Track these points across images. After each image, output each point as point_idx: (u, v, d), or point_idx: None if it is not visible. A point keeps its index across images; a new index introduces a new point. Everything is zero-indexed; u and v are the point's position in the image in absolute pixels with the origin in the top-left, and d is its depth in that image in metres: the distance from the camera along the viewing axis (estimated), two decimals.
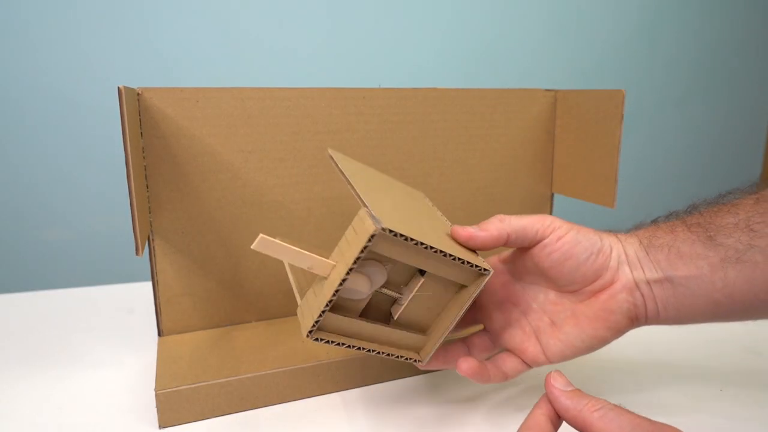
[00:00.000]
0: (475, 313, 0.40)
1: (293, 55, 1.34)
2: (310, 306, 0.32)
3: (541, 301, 0.38)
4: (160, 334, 0.46)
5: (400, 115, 0.49)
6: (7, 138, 1.19)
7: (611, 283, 0.35)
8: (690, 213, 0.36)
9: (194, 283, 0.46)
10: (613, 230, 0.38)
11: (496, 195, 0.55)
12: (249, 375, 0.40)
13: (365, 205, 0.31)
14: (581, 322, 0.36)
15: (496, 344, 0.39)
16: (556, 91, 0.55)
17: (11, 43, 1.15)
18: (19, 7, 1.13)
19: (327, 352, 0.43)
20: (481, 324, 0.40)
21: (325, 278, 0.32)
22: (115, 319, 0.55)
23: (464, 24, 1.46)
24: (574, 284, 0.36)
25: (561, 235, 0.35)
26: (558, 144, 0.56)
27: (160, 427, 0.38)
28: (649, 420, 0.25)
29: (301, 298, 0.34)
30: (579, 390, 0.28)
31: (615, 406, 0.26)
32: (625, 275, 0.35)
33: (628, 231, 0.38)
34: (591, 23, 1.59)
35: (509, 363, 0.37)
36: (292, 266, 0.38)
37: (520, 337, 0.37)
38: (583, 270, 0.35)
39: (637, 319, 0.36)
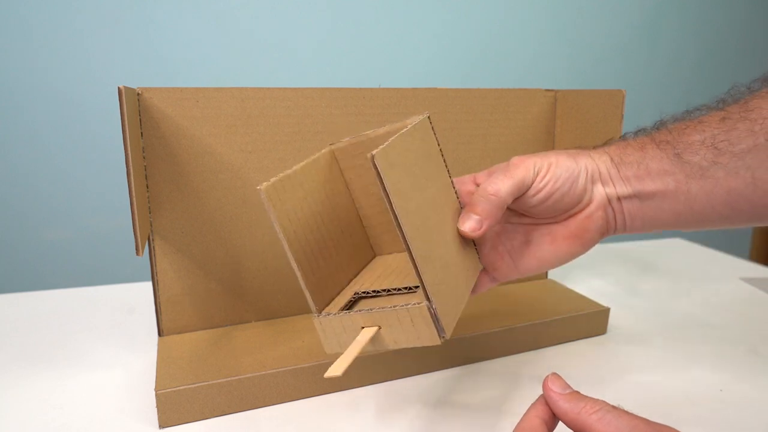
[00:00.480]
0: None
1: (293, 55, 1.34)
2: (340, 343, 0.33)
3: (516, 222, 0.39)
4: (160, 334, 0.46)
5: (400, 115, 0.49)
6: (7, 138, 1.19)
7: (588, 203, 0.37)
8: (658, 129, 0.37)
9: (194, 283, 0.46)
10: (582, 149, 0.39)
11: None
12: (249, 375, 0.40)
13: (422, 282, 0.29)
14: (557, 241, 0.37)
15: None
16: (556, 91, 0.55)
17: (11, 43, 1.15)
18: (20, 7, 1.13)
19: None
20: None
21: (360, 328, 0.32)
22: (115, 319, 0.55)
23: (464, 24, 1.46)
24: (555, 214, 0.37)
25: (543, 176, 0.35)
26: (558, 144, 0.56)
27: (160, 426, 0.38)
28: (647, 420, 0.26)
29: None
30: (577, 392, 0.28)
31: (613, 407, 0.26)
32: (599, 194, 0.37)
33: (596, 147, 0.39)
34: (591, 23, 1.59)
35: (480, 279, 0.38)
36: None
37: (493, 256, 0.38)
38: (566, 200, 0.36)
39: (607, 232, 0.38)
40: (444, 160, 0.37)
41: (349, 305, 0.34)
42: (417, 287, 0.34)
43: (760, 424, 0.38)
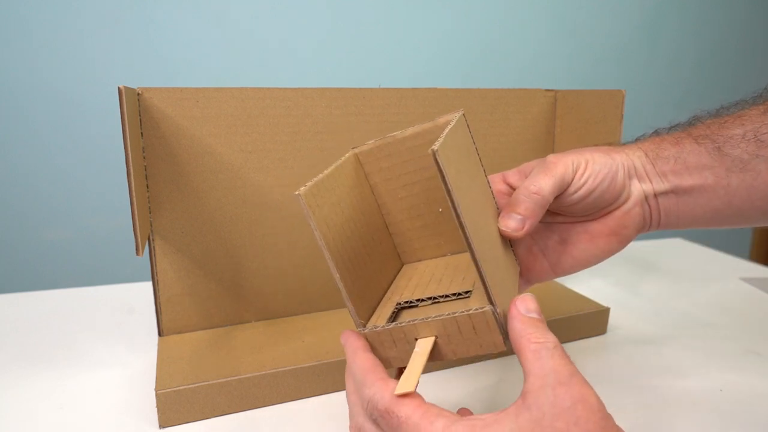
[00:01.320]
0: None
1: (293, 56, 1.34)
2: (389, 358, 0.31)
3: (550, 221, 0.38)
4: (160, 334, 0.46)
5: (400, 115, 0.49)
6: (7, 138, 1.19)
7: (626, 199, 0.36)
8: (693, 125, 0.37)
9: (194, 283, 0.46)
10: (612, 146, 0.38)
11: (497, 194, 0.55)
12: (249, 375, 0.40)
13: (485, 285, 0.27)
14: (595, 239, 0.36)
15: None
16: (556, 91, 0.55)
17: (11, 43, 1.15)
18: (19, 7, 1.13)
19: (327, 352, 0.43)
20: None
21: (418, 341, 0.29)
22: (115, 319, 0.55)
23: (464, 24, 1.46)
24: (592, 211, 0.36)
25: (582, 173, 0.34)
26: (558, 144, 0.56)
27: (161, 426, 0.38)
28: (571, 370, 0.24)
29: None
30: (539, 320, 0.27)
31: (555, 346, 0.25)
32: (637, 190, 0.36)
33: (628, 143, 0.38)
34: (591, 23, 1.59)
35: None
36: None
37: (527, 257, 0.37)
38: (605, 197, 0.35)
39: (643, 228, 0.37)
40: (479, 159, 0.35)
41: (393, 317, 0.32)
42: (462, 294, 0.32)
43: (760, 424, 0.38)
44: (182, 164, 0.43)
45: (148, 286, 0.63)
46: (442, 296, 0.32)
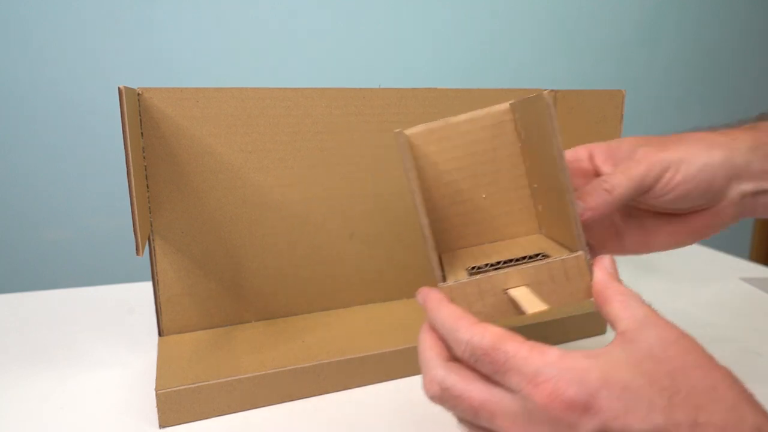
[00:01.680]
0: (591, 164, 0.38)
1: (293, 56, 1.34)
2: (474, 313, 0.29)
3: (633, 205, 0.37)
4: (160, 334, 0.46)
5: (400, 115, 0.49)
6: (7, 138, 1.19)
7: (719, 201, 0.34)
8: None
9: (194, 283, 0.46)
10: (713, 128, 0.36)
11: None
12: (249, 375, 0.40)
13: (578, 231, 0.28)
14: (678, 234, 0.36)
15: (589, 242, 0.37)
16: (556, 91, 0.55)
17: (11, 43, 1.15)
18: (19, 7, 1.13)
19: (327, 352, 0.43)
20: None
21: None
22: (115, 319, 0.55)
23: (464, 24, 1.46)
24: (680, 211, 0.35)
25: (672, 177, 0.33)
26: None
27: (161, 426, 0.38)
28: (662, 316, 0.25)
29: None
30: (620, 281, 0.27)
31: (641, 298, 0.26)
32: (735, 191, 0.34)
33: (736, 125, 0.36)
34: (591, 23, 1.59)
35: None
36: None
37: (602, 233, 0.37)
38: (697, 202, 0.34)
39: (729, 224, 0.35)
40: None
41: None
42: (534, 257, 0.30)
43: None
44: (182, 164, 0.43)
45: (148, 286, 0.63)
46: (512, 260, 0.30)
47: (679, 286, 0.66)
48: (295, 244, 0.48)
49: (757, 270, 0.73)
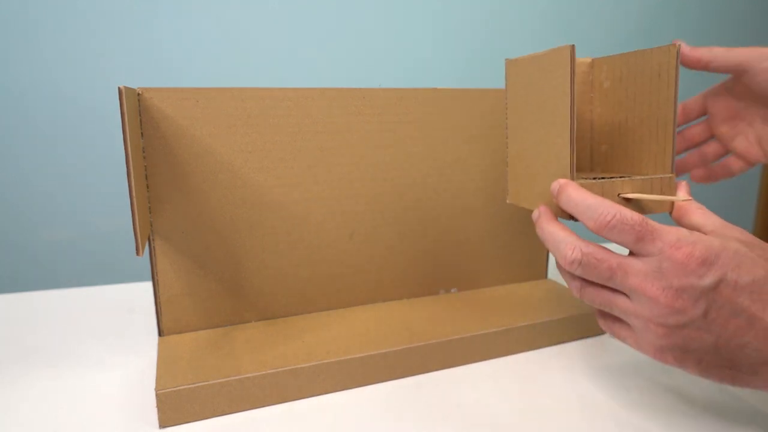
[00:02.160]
0: (708, 127, 0.50)
1: (293, 56, 1.34)
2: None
3: (760, 114, 0.47)
4: (160, 334, 0.46)
5: (399, 115, 0.50)
6: (7, 138, 1.19)
7: None
8: None
9: (194, 283, 0.46)
10: None
11: (497, 195, 0.55)
12: (249, 375, 0.40)
13: (673, 158, 0.39)
14: None
15: (727, 150, 0.49)
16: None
17: (12, 43, 1.15)
18: (20, 7, 1.13)
19: (327, 352, 0.43)
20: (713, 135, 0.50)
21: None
22: (115, 319, 0.55)
23: (464, 24, 1.46)
24: None
25: (760, 60, 0.42)
26: None
27: (161, 426, 0.38)
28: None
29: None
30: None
31: (714, 214, 0.35)
32: None
33: None
34: (591, 23, 1.59)
35: (735, 164, 0.49)
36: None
37: (745, 144, 0.48)
38: None
39: None
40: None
41: None
42: (626, 176, 0.39)
43: (760, 425, 0.38)
44: (182, 164, 0.43)
45: (148, 286, 0.63)
46: (615, 176, 0.39)
47: None
48: (295, 244, 0.48)
49: None
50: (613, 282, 0.33)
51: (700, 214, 0.35)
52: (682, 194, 0.38)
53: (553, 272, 0.70)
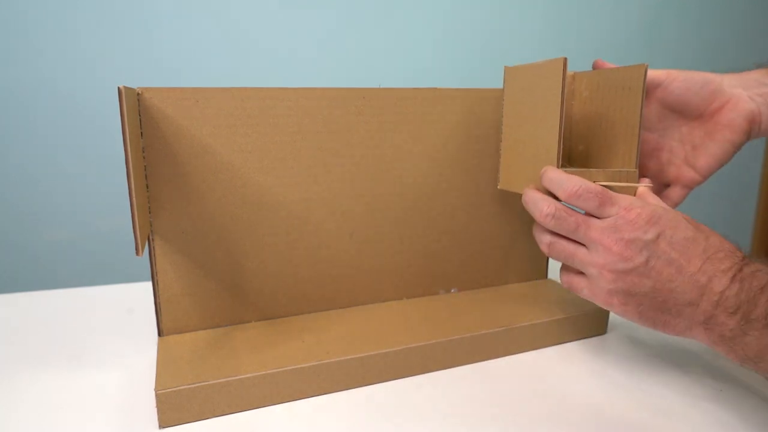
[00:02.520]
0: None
1: (293, 56, 1.34)
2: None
3: (678, 137, 0.50)
4: (160, 334, 0.46)
5: (400, 115, 0.50)
6: (7, 138, 1.19)
7: (728, 100, 0.47)
8: None
9: (194, 283, 0.46)
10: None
11: (497, 195, 0.55)
12: (249, 375, 0.40)
13: (637, 156, 0.45)
14: (714, 135, 0.47)
15: (661, 184, 0.52)
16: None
17: (11, 43, 1.15)
18: (20, 7, 1.13)
19: (327, 352, 0.43)
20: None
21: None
22: (115, 319, 0.55)
23: (464, 24, 1.46)
24: (698, 108, 0.48)
25: (675, 76, 0.47)
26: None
27: (161, 426, 0.38)
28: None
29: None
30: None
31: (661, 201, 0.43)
32: (739, 93, 0.47)
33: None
34: (591, 23, 1.59)
35: (674, 193, 0.51)
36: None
37: (675, 171, 0.50)
38: (702, 94, 0.47)
39: (753, 121, 0.47)
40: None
41: None
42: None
43: (760, 425, 0.38)
44: (182, 164, 0.43)
45: (148, 286, 0.63)
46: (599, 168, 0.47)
47: None
48: (295, 244, 0.48)
49: None
50: (577, 234, 0.41)
51: (653, 198, 0.42)
52: (643, 183, 0.44)
53: (553, 272, 0.70)
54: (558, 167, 0.43)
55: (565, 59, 0.41)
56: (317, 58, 1.36)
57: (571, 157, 0.53)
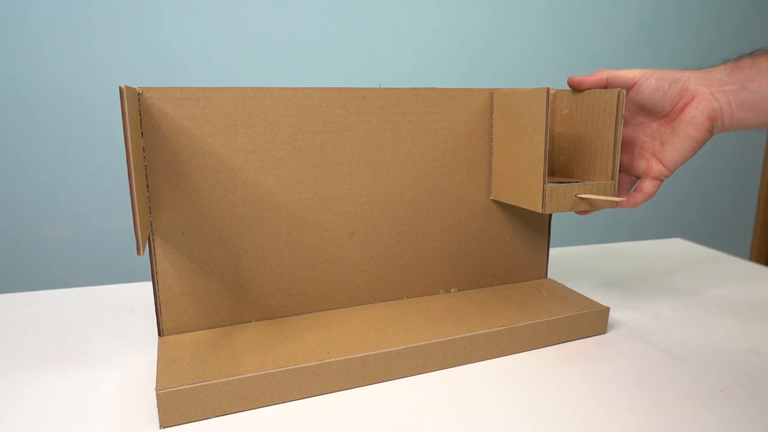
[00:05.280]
0: None
1: (293, 55, 1.34)
2: (557, 204, 0.48)
3: (649, 133, 0.53)
4: (160, 333, 0.46)
5: (400, 115, 0.50)
6: (7, 138, 1.19)
7: (692, 98, 0.49)
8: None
9: (194, 283, 0.46)
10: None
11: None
12: (250, 375, 0.40)
13: (614, 169, 0.49)
14: (678, 132, 0.50)
15: (632, 176, 0.54)
16: (557, 91, 0.55)
17: (12, 42, 1.15)
18: (20, 7, 1.13)
19: (327, 352, 0.43)
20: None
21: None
22: (115, 319, 0.55)
23: (464, 24, 1.46)
24: (665, 107, 0.50)
25: (648, 76, 0.50)
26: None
27: (161, 426, 0.38)
28: None
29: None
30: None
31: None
32: (703, 91, 0.49)
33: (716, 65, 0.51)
34: (591, 23, 1.59)
35: (647, 185, 0.52)
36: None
37: (645, 164, 0.52)
38: (669, 93, 0.50)
39: (715, 118, 0.49)
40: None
41: None
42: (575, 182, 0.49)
43: (760, 425, 0.38)
44: (182, 164, 0.43)
45: (148, 286, 0.63)
46: (574, 181, 0.51)
47: (679, 286, 0.66)
48: (295, 244, 0.48)
49: (757, 270, 0.73)
50: None
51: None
52: (619, 197, 0.50)
53: (553, 272, 0.70)
54: (545, 182, 0.47)
55: (548, 89, 0.45)
56: (317, 58, 1.36)
57: (554, 168, 0.56)
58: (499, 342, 0.48)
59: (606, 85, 0.51)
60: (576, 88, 0.52)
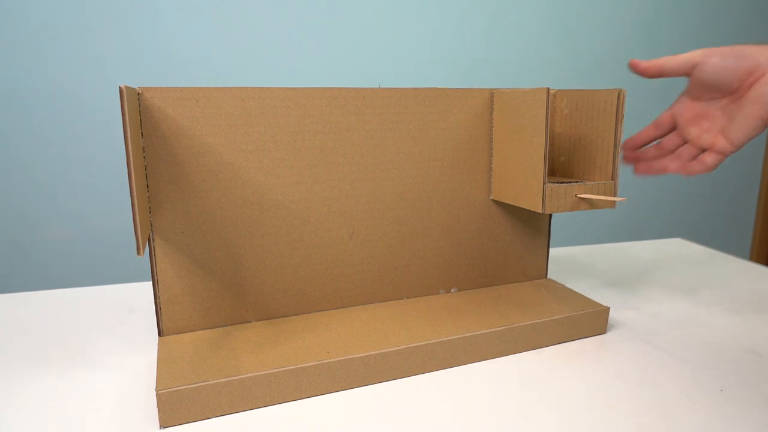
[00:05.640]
0: (679, 134, 0.55)
1: (293, 55, 1.34)
2: (558, 204, 0.48)
3: (720, 107, 0.52)
4: (160, 333, 0.46)
5: (400, 115, 0.50)
6: (7, 137, 1.19)
7: (763, 73, 0.48)
8: None
9: (194, 283, 0.46)
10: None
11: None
12: (250, 375, 0.40)
13: (614, 169, 0.49)
14: (744, 109, 0.49)
15: (698, 149, 0.54)
16: (557, 91, 0.55)
17: (12, 43, 1.15)
18: (21, 7, 1.13)
19: (327, 352, 0.43)
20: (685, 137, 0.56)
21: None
22: (115, 319, 0.55)
23: (464, 24, 1.46)
24: (732, 83, 0.50)
25: (711, 54, 0.50)
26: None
27: (161, 426, 0.38)
28: None
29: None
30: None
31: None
32: None
33: None
34: (591, 23, 1.59)
35: (709, 158, 0.52)
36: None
37: (711, 138, 0.53)
38: (737, 71, 0.49)
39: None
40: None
41: None
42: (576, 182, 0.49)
43: (760, 425, 0.38)
44: (182, 164, 0.44)
45: (148, 286, 0.63)
46: (579, 181, 0.52)
47: (679, 286, 0.66)
48: (295, 244, 0.49)
49: (757, 270, 0.73)
50: None
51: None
52: (618, 197, 0.50)
53: (553, 272, 0.70)
54: (545, 182, 0.47)
55: (548, 89, 0.45)
56: (317, 58, 1.36)
57: (554, 168, 0.57)
58: (499, 342, 0.48)
59: (662, 73, 0.52)
60: (644, 74, 0.53)
